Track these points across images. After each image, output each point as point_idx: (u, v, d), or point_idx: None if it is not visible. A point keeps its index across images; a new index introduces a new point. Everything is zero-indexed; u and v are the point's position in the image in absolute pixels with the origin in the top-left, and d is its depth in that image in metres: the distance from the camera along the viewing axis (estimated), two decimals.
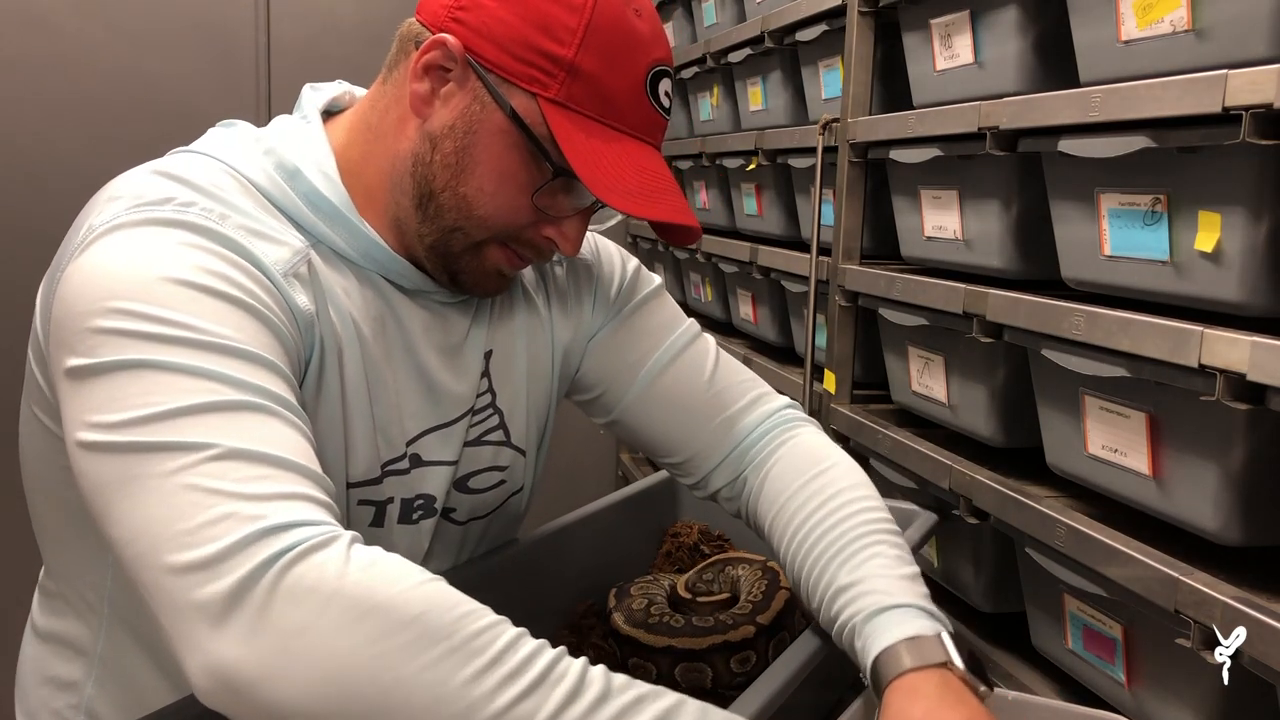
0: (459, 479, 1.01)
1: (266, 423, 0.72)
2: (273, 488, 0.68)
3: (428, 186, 0.90)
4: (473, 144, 0.88)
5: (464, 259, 0.93)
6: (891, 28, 1.60)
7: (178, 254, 0.77)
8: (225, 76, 2.75)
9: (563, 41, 0.85)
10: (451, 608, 0.67)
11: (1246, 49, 0.95)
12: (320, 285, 0.88)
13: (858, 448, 1.65)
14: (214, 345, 0.73)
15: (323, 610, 0.64)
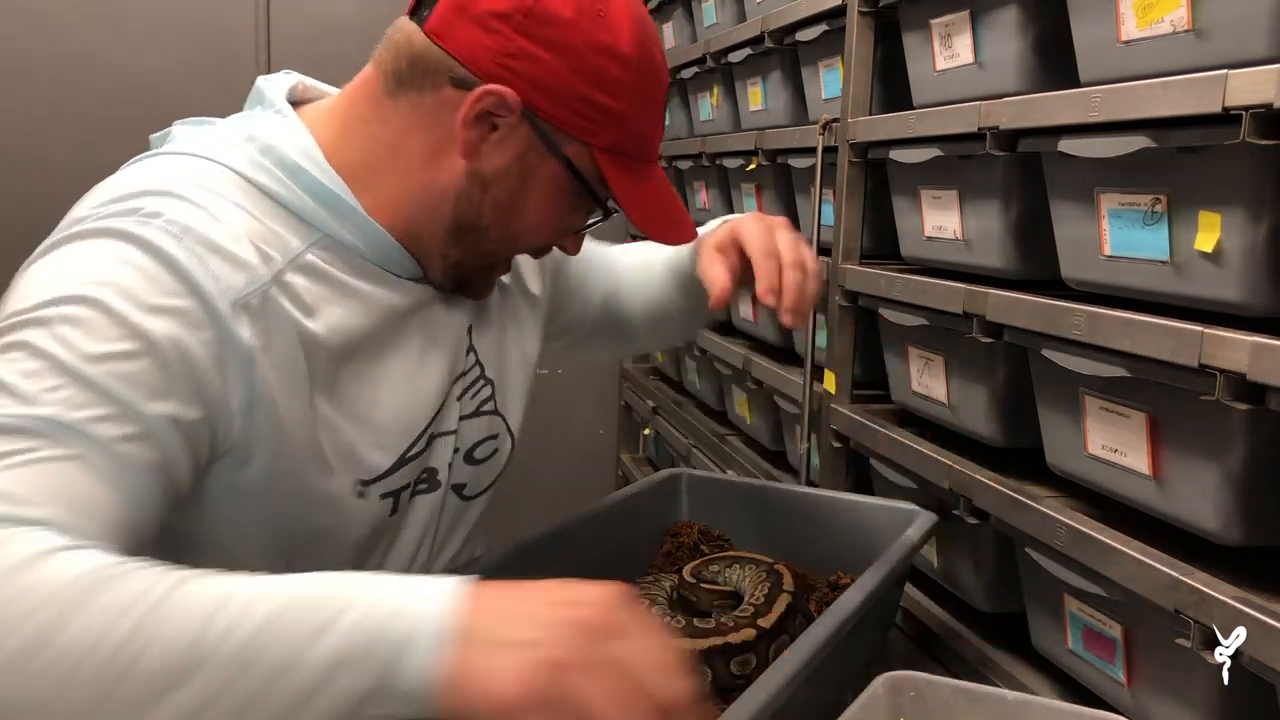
0: (466, 452, 1.05)
1: (51, 468, 0.70)
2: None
3: (472, 221, 0.94)
4: (525, 188, 0.93)
5: (480, 273, 1.00)
6: (891, 28, 1.60)
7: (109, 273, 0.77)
8: (225, 76, 2.75)
9: (614, 95, 0.90)
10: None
11: (1246, 49, 0.95)
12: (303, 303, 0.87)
13: (858, 448, 1.65)
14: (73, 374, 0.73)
15: None
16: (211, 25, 2.73)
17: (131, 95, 2.70)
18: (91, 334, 0.74)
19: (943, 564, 1.48)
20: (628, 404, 3.10)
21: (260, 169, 0.89)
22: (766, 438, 2.12)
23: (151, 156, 0.93)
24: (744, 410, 2.21)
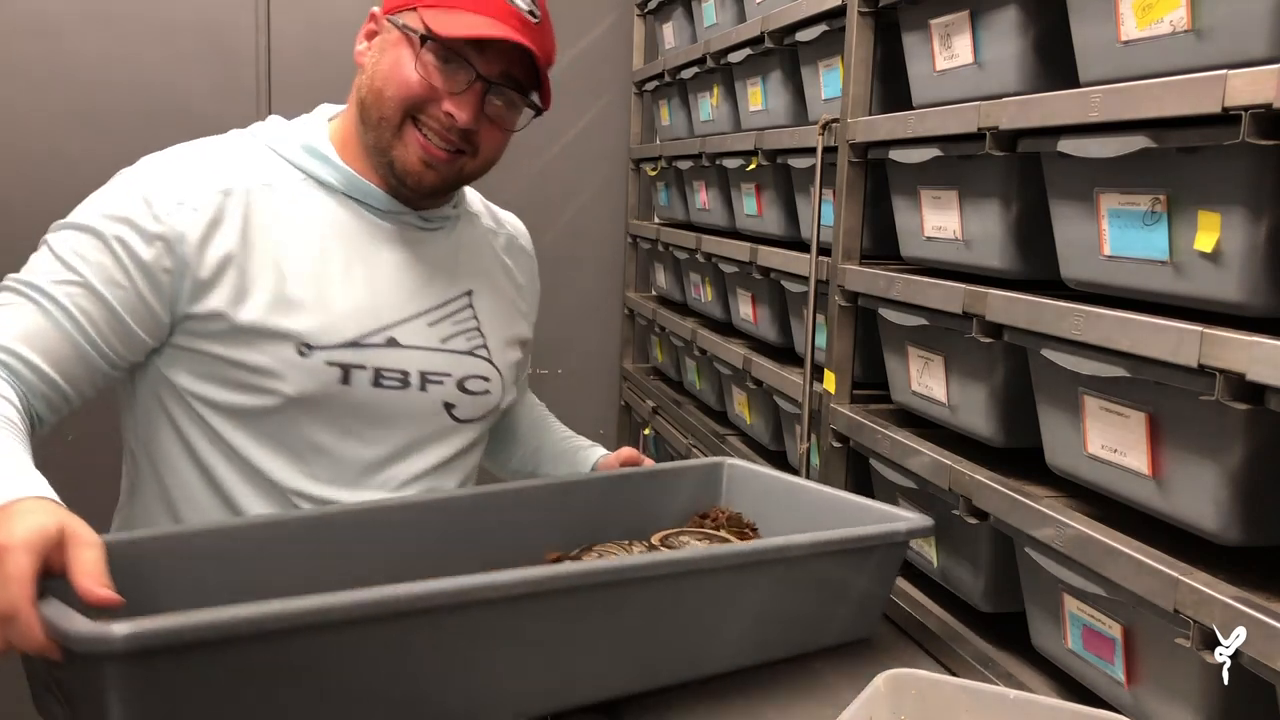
0: (460, 379, 1.33)
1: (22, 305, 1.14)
2: None
3: (361, 100, 1.28)
4: (380, 57, 1.27)
5: (395, 150, 1.26)
6: (891, 28, 1.60)
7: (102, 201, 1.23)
8: (225, 76, 2.75)
9: None
10: None
11: (1246, 49, 0.95)
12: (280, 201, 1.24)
13: (857, 448, 1.66)
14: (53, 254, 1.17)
15: None
16: (211, 25, 2.73)
17: (131, 95, 2.70)
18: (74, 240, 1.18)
19: (943, 564, 1.48)
20: (628, 404, 3.10)
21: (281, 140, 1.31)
22: (766, 438, 2.12)
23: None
24: (744, 410, 2.21)
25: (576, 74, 3.00)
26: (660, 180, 2.87)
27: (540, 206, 3.03)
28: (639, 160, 3.00)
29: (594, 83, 3.03)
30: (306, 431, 1.23)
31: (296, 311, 1.21)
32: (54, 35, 2.64)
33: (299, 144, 1.29)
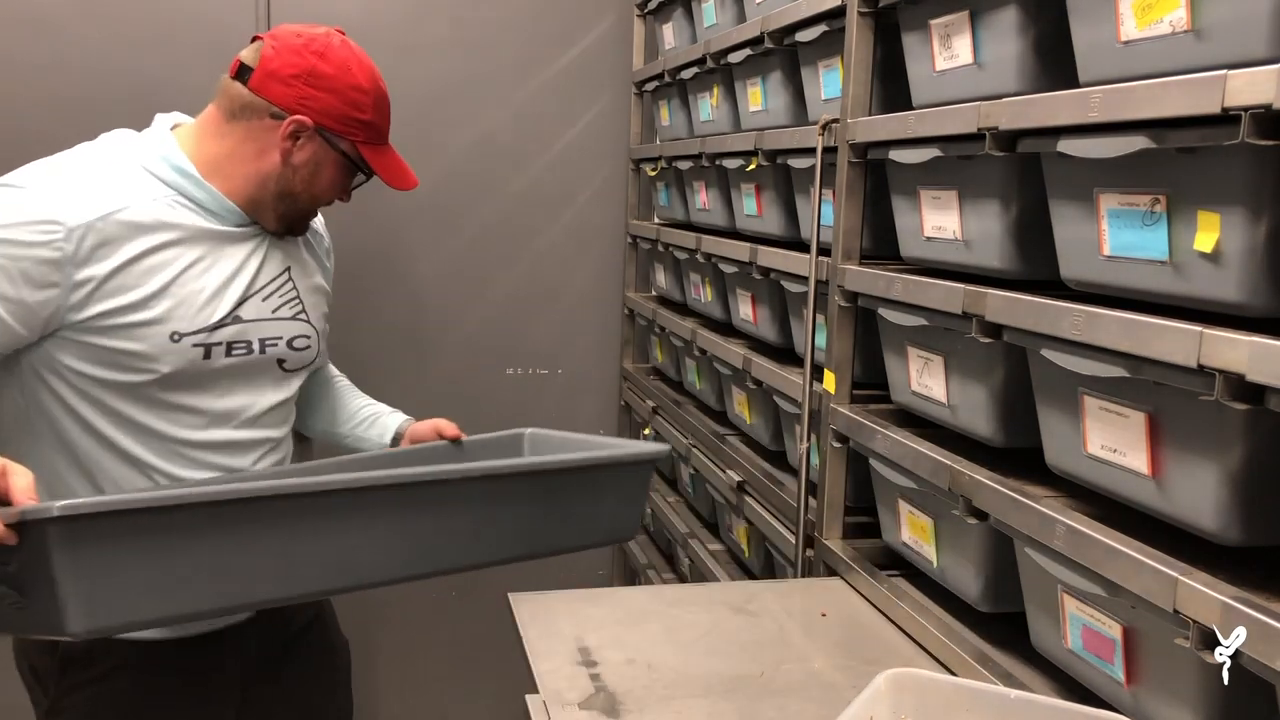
0: (289, 339, 1.64)
1: None
2: None
3: (289, 190, 1.59)
4: (319, 168, 1.59)
5: (300, 220, 1.65)
6: (891, 28, 1.61)
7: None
8: None
9: (362, 110, 1.59)
10: None
11: (1246, 49, 0.95)
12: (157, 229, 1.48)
13: (857, 448, 1.66)
14: None
15: None
16: (211, 25, 2.73)
17: (131, 95, 2.70)
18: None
19: (943, 564, 1.48)
20: (628, 404, 3.10)
21: (151, 156, 1.53)
22: (766, 438, 2.12)
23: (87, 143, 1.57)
24: (744, 410, 2.21)
25: (576, 74, 3.01)
26: (660, 180, 2.87)
27: (540, 206, 3.03)
28: (639, 160, 3.01)
29: (594, 83, 3.03)
30: (176, 395, 1.52)
31: (168, 309, 1.48)
32: (53, 34, 2.64)
33: (169, 165, 1.52)
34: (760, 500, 2.01)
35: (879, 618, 1.55)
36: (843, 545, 1.73)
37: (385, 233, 2.91)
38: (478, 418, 3.05)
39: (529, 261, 3.05)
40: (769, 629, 1.51)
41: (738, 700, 1.28)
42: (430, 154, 2.94)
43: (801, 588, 1.73)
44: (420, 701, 3.14)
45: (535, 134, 3.01)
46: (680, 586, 1.75)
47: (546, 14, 2.97)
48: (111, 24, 2.68)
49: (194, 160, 1.53)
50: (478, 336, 3.03)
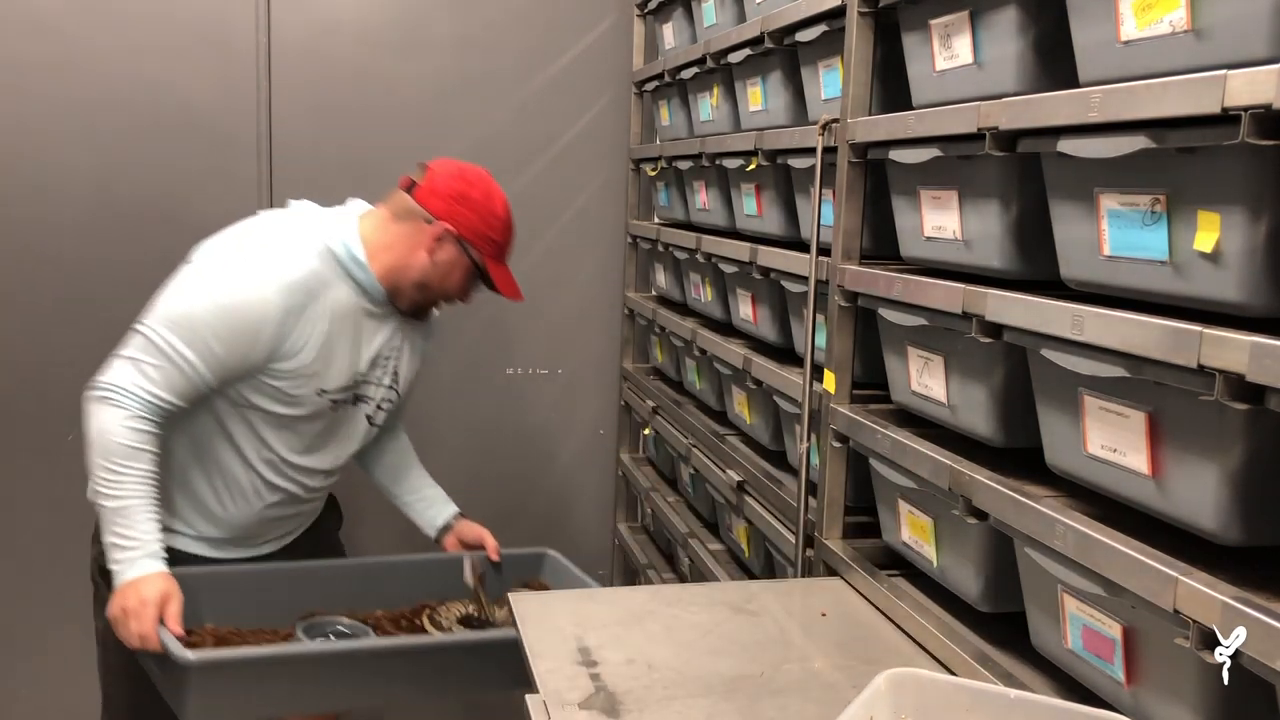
0: (379, 401, 2.08)
1: (166, 367, 1.81)
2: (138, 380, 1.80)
3: (426, 281, 2.00)
4: (453, 269, 2.01)
5: (426, 308, 2.08)
6: (891, 28, 1.60)
7: (230, 284, 1.84)
8: (225, 76, 2.75)
9: (496, 232, 2.03)
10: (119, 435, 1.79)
11: (1246, 49, 0.95)
12: (327, 301, 1.90)
13: (857, 447, 1.66)
14: (192, 332, 1.81)
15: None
16: (211, 25, 2.73)
17: (132, 95, 2.70)
18: (204, 317, 1.82)
19: (943, 564, 1.48)
20: (628, 404, 3.10)
21: (336, 242, 1.92)
22: (766, 437, 2.12)
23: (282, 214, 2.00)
24: (744, 410, 2.21)
25: (576, 74, 3.01)
26: (660, 180, 2.87)
27: (540, 206, 3.03)
28: (639, 160, 3.00)
29: (594, 83, 3.03)
30: (297, 425, 1.97)
31: (320, 371, 1.92)
32: (53, 34, 2.64)
33: (347, 253, 1.91)
34: (760, 500, 2.01)
35: (879, 618, 1.55)
36: (843, 545, 1.73)
37: None
38: (478, 418, 3.06)
39: (529, 261, 3.05)
40: (769, 629, 1.51)
41: (738, 700, 1.28)
42: (430, 154, 2.92)
43: (801, 588, 1.73)
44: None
45: (535, 134, 3.01)
46: (680, 586, 1.75)
47: (546, 14, 2.97)
48: (112, 25, 2.68)
49: (366, 245, 1.94)
50: (478, 336, 3.03)
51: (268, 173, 2.82)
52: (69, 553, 2.63)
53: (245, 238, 1.89)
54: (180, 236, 2.79)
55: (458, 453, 3.05)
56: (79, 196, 2.71)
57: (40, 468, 2.77)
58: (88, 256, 2.73)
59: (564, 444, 3.17)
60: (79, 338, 2.71)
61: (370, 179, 3.01)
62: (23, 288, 2.72)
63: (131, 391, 1.77)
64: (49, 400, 2.73)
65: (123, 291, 2.75)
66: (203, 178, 2.77)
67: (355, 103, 2.86)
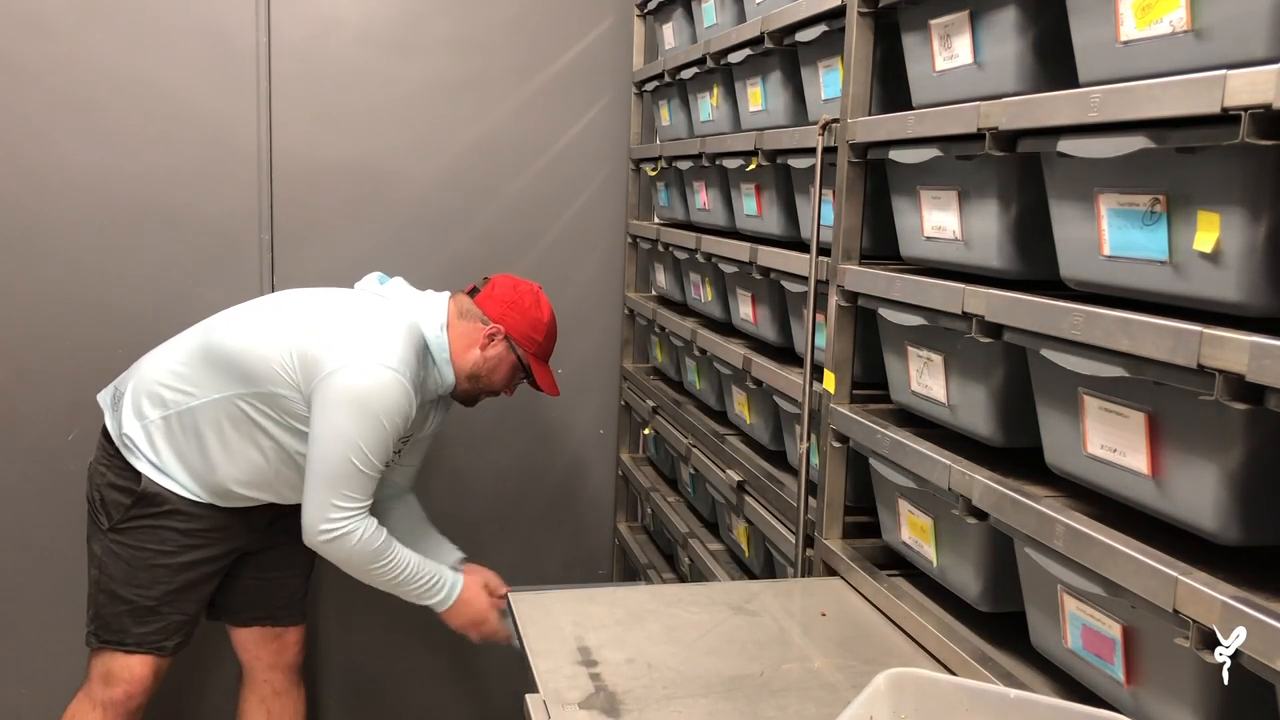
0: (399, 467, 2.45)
1: (370, 481, 2.13)
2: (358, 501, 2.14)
3: (476, 373, 2.31)
4: (500, 364, 2.32)
5: (474, 398, 2.40)
6: (891, 28, 1.61)
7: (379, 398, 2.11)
8: (225, 77, 2.75)
9: (541, 334, 2.34)
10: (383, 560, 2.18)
11: (1246, 49, 0.95)
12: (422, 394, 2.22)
13: (857, 447, 1.66)
14: (369, 448, 2.10)
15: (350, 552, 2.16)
16: (211, 25, 2.73)
17: (132, 95, 2.70)
18: (374, 431, 2.12)
19: (942, 564, 1.48)
20: (628, 404, 3.10)
21: (429, 341, 2.26)
22: (766, 437, 2.12)
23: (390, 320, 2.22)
24: (744, 410, 2.21)
25: (576, 74, 3.01)
26: (660, 180, 2.87)
27: (540, 206, 3.03)
28: (639, 160, 3.00)
29: (594, 83, 3.03)
30: None
31: None
32: (54, 33, 2.64)
33: (444, 357, 2.25)
34: (760, 500, 2.01)
35: (879, 617, 1.55)
36: (843, 545, 1.73)
37: (386, 232, 2.91)
38: (478, 417, 3.06)
39: (529, 261, 3.05)
40: (769, 629, 1.51)
41: (738, 700, 1.28)
42: (430, 154, 2.94)
43: (801, 587, 1.73)
44: (420, 701, 3.14)
45: (535, 134, 3.01)
46: (680, 586, 1.75)
47: (546, 14, 2.97)
48: (112, 24, 2.68)
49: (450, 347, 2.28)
50: None
51: (268, 172, 2.82)
52: (69, 552, 2.64)
53: (365, 337, 2.11)
54: (180, 236, 2.81)
55: (458, 453, 3.05)
56: (79, 196, 2.71)
57: (41, 467, 2.77)
58: (88, 256, 2.73)
59: (564, 444, 3.17)
60: (79, 337, 2.72)
61: (370, 179, 3.02)
62: (23, 287, 2.72)
63: (349, 519, 2.10)
64: (49, 399, 2.73)
65: (123, 290, 2.76)
66: (202, 177, 2.76)
67: (355, 103, 2.86)
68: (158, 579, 2.22)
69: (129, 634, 2.22)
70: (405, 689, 3.14)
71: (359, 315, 2.17)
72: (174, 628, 2.26)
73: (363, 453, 2.06)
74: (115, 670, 2.22)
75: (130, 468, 2.20)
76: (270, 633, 2.50)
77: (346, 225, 2.90)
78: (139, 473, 2.19)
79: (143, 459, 2.20)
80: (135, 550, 2.20)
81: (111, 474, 2.23)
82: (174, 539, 2.21)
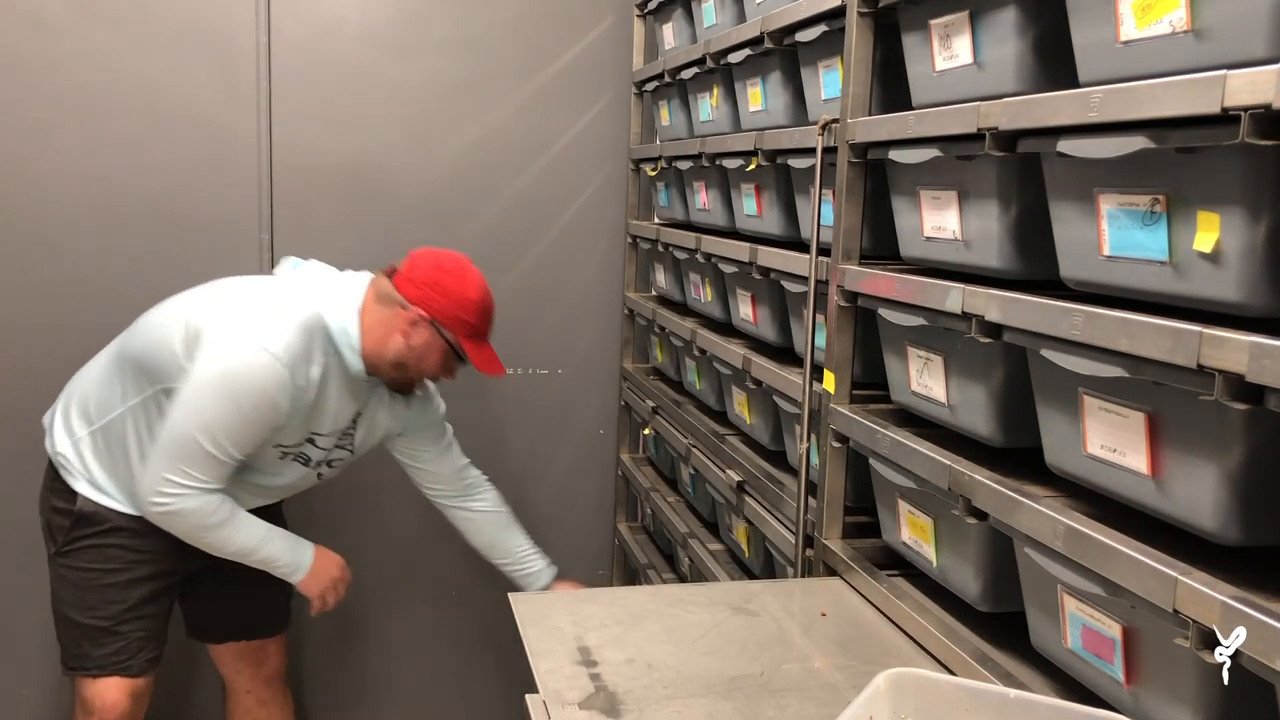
0: (330, 460, 2.26)
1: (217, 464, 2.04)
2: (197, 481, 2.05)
3: (402, 362, 2.15)
4: (427, 350, 2.15)
5: (408, 385, 2.23)
6: (891, 28, 1.61)
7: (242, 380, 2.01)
8: (225, 76, 2.75)
9: (469, 313, 2.14)
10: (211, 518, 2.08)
11: (1246, 49, 0.95)
12: (321, 377, 2.09)
13: (857, 448, 1.66)
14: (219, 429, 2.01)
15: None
16: (211, 25, 2.73)
17: (132, 95, 2.70)
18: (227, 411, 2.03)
19: (943, 564, 1.48)
20: (628, 404, 3.10)
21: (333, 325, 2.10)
22: (766, 438, 2.12)
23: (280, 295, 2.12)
24: (744, 410, 2.21)
25: (576, 74, 3.01)
26: (660, 180, 2.87)
27: (540, 206, 3.03)
28: (639, 160, 3.00)
29: (594, 83, 3.03)
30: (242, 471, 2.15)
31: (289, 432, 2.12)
32: (53, 33, 2.64)
33: (349, 344, 2.09)
34: (760, 500, 2.01)
35: (879, 617, 1.55)
36: (842, 545, 1.73)
37: (386, 233, 2.91)
38: (478, 417, 3.06)
39: (529, 261, 3.05)
40: (769, 629, 1.51)
41: (738, 700, 1.28)
42: (430, 154, 2.94)
43: (801, 587, 1.73)
44: (420, 701, 3.14)
45: (535, 134, 3.01)
46: (680, 586, 1.75)
47: (546, 14, 2.97)
48: (112, 24, 2.68)
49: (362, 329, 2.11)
50: None
51: (268, 172, 2.82)
52: None
53: (252, 317, 2.01)
54: (180, 236, 2.81)
55: None
56: (79, 196, 2.71)
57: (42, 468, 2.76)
58: (88, 255, 2.73)
59: (564, 444, 3.17)
60: (79, 337, 2.71)
61: (370, 179, 3.02)
62: (23, 287, 2.72)
63: (184, 495, 2.02)
64: (47, 399, 2.73)
65: (123, 290, 2.75)
66: (203, 177, 2.76)
67: (355, 103, 2.86)
68: (108, 599, 2.16)
69: (90, 658, 2.17)
70: (403, 690, 3.14)
71: (252, 298, 2.08)
72: (136, 646, 2.19)
73: (212, 434, 1.96)
74: (88, 698, 2.18)
75: (68, 488, 2.16)
76: (248, 647, 2.45)
77: (346, 225, 2.90)
78: (76, 492, 2.15)
79: (78, 478, 2.16)
80: (81, 572, 2.16)
81: (54, 497, 2.20)
82: (119, 556, 2.16)
